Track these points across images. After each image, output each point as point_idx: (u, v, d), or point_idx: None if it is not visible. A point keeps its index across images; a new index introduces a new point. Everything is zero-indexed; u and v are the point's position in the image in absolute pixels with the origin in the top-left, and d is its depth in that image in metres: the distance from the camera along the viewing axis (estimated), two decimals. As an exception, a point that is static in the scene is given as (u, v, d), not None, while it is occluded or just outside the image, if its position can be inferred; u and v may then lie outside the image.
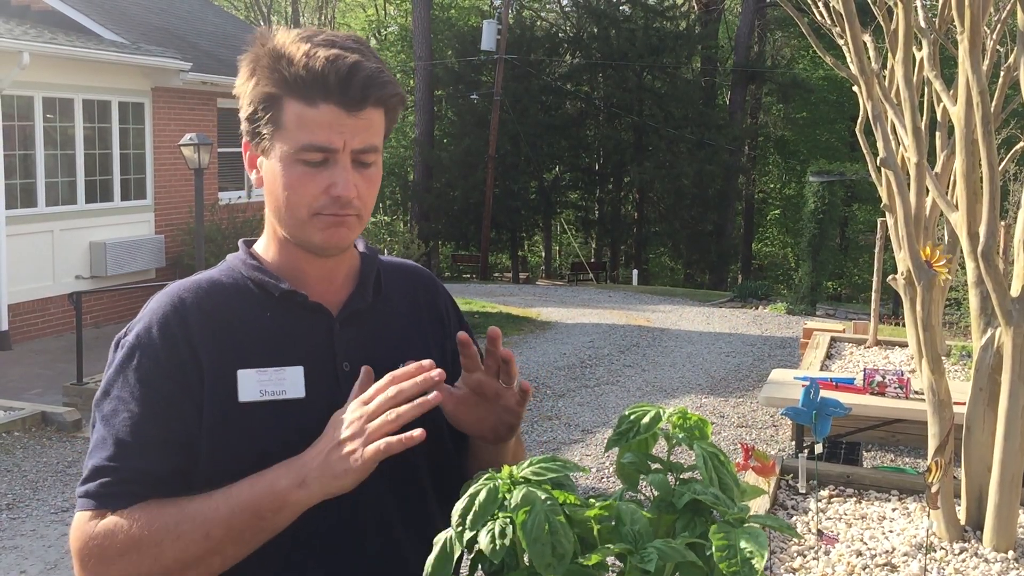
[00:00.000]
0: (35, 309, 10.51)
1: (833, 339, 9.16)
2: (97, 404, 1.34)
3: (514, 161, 27.31)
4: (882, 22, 4.58)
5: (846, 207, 21.26)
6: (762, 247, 33.67)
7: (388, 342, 1.44)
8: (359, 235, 1.44)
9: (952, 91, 4.08)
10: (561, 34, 30.75)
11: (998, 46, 4.72)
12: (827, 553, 3.84)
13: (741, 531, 1.02)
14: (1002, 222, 5.10)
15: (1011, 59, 4.54)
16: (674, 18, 29.26)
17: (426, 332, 1.50)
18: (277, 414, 1.33)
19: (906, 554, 3.83)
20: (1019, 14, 3.72)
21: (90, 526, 1.26)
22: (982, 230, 3.77)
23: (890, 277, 5.14)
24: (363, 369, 1.31)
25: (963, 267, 4.47)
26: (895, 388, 5.55)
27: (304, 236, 1.36)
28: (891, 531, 4.11)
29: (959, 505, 4.14)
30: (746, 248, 29.99)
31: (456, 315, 1.58)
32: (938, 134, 4.95)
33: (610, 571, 1.02)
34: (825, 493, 4.55)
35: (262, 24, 30.35)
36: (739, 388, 9.44)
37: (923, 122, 4.32)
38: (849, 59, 4.07)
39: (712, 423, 1.18)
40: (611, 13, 28.38)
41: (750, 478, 3.76)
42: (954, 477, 4.17)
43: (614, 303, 16.44)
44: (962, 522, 4.08)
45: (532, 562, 0.99)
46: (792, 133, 31.18)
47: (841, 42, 4.42)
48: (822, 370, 7.65)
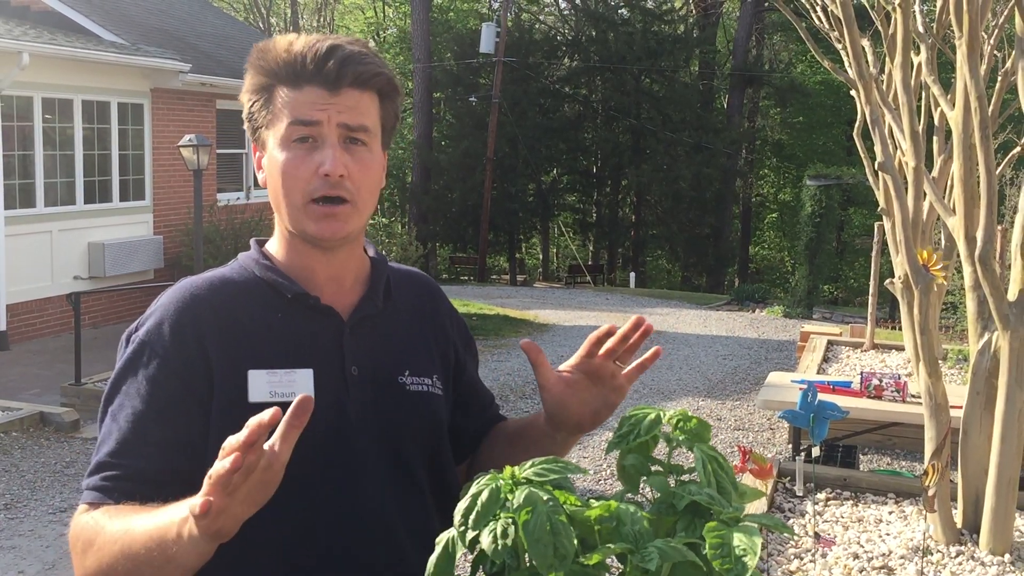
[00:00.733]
0: (33, 309, 10.49)
1: (830, 342, 9.18)
2: (107, 399, 1.35)
3: (512, 163, 27.30)
4: (880, 27, 4.60)
5: (843, 211, 21.27)
6: (759, 250, 33.69)
7: (394, 348, 1.46)
8: (362, 233, 1.45)
9: (950, 95, 4.10)
10: (559, 37, 30.78)
11: (996, 51, 4.73)
12: (824, 556, 3.85)
13: (735, 529, 1.02)
14: (999, 226, 5.11)
15: (1009, 64, 4.56)
16: (672, 22, 29.27)
17: (429, 340, 1.52)
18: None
19: (903, 557, 3.84)
20: (1017, 19, 3.73)
21: (80, 519, 1.28)
22: (979, 234, 3.79)
23: (887, 281, 5.15)
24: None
25: (960, 271, 4.48)
26: (892, 392, 5.56)
27: (301, 226, 1.38)
28: (888, 534, 4.12)
29: (956, 508, 4.15)
30: (743, 251, 30.02)
31: (458, 324, 1.60)
32: (936, 138, 4.96)
33: (610, 571, 1.03)
34: (822, 496, 4.56)
35: (261, 26, 30.36)
36: (736, 391, 9.44)
37: (921, 126, 4.33)
38: (847, 63, 4.08)
39: (709, 426, 1.18)
40: (609, 16, 28.41)
41: (747, 480, 3.78)
42: (951, 480, 4.18)
43: (611, 305, 16.45)
44: (959, 525, 4.09)
45: (534, 562, 0.99)
46: (789, 137, 31.22)
47: (839, 46, 4.43)
48: (819, 373, 7.66)
